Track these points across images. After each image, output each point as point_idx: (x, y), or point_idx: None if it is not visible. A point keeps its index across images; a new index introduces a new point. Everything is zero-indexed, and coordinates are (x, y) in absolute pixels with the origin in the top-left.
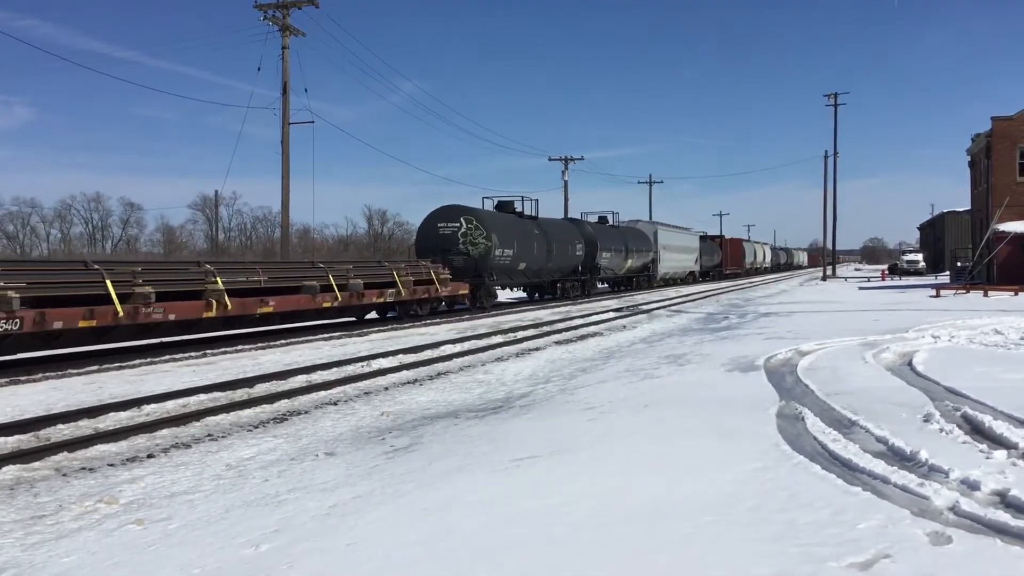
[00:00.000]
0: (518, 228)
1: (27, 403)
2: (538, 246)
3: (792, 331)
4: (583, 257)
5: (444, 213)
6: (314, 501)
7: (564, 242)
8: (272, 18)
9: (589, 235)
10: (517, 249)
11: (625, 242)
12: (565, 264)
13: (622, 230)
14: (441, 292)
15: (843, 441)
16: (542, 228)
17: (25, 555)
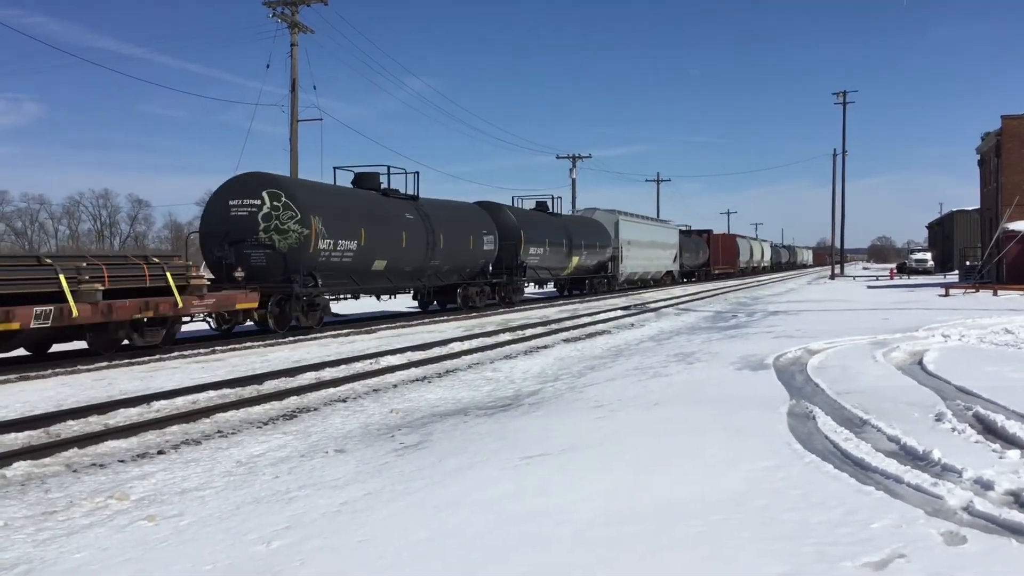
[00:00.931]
0: (372, 210)
1: (37, 399)
2: (410, 237)
3: (801, 330)
4: (495, 252)
5: (239, 186)
6: (325, 498)
7: (461, 232)
8: (281, 15)
9: (509, 224)
10: (367, 240)
11: (568, 234)
12: (464, 262)
13: (565, 219)
14: (189, 308)
15: (855, 440)
16: (422, 212)
17: (36, 551)
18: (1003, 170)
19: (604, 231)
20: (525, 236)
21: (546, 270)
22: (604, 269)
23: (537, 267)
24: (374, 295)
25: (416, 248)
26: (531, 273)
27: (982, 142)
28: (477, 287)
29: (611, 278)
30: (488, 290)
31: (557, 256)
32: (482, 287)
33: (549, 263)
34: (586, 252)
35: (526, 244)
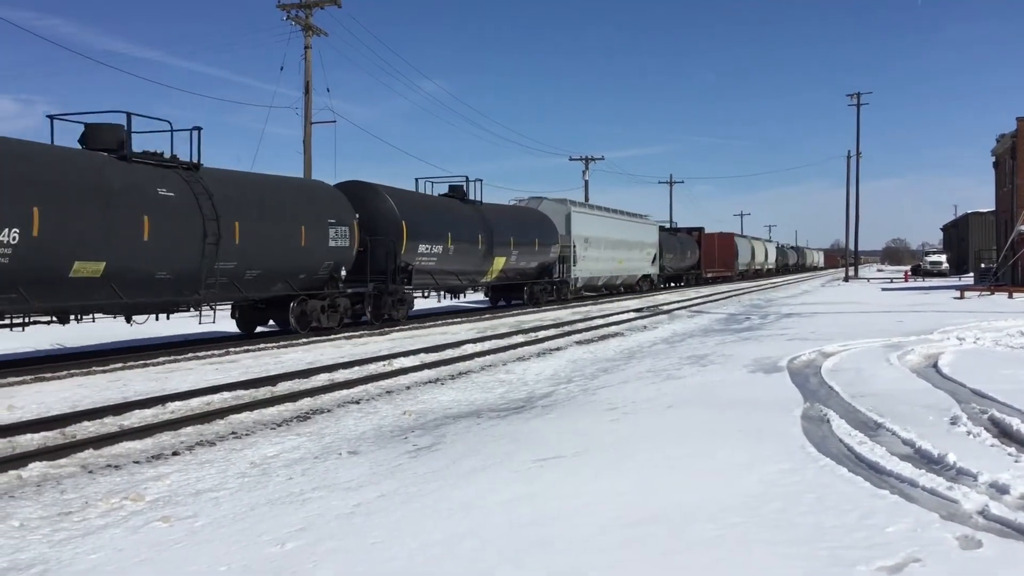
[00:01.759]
0: (94, 183)
1: (53, 400)
2: (164, 224)
3: (815, 332)
4: (348, 251)
5: None
6: (338, 500)
7: (281, 222)
8: (295, 18)
9: (382, 212)
10: (44, 229)
11: (487, 229)
12: (286, 265)
13: (487, 209)
14: None
15: (869, 443)
16: (201, 187)
17: (52, 551)
18: (1018, 172)
19: (549, 226)
20: (410, 229)
21: (451, 275)
22: (549, 273)
23: (434, 271)
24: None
25: (178, 243)
26: (421, 279)
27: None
28: (325, 300)
29: (560, 284)
30: (344, 304)
31: (469, 257)
32: (333, 300)
33: (455, 265)
34: (518, 252)
35: (411, 240)
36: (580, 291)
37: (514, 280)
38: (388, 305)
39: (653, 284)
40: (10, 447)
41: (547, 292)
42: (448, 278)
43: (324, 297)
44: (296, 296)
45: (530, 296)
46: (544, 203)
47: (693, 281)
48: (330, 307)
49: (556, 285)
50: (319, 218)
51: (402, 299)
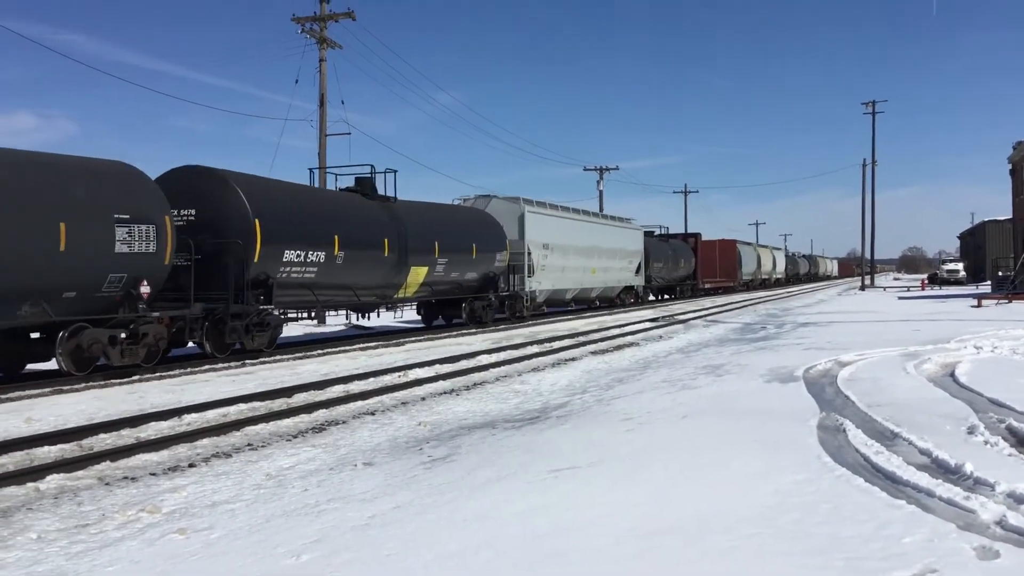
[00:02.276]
0: None
1: (69, 412)
2: None
3: (831, 341)
4: (153, 259)
5: None
6: (353, 511)
7: (39, 217)
8: (310, 31)
9: (226, 206)
10: None
11: (400, 232)
12: (39, 278)
13: (401, 208)
14: None
15: (886, 453)
16: None
17: (70, 564)
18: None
19: (494, 229)
20: (268, 230)
21: (342, 290)
22: (494, 285)
23: (315, 284)
24: None
25: None
26: (293, 295)
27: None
28: (120, 328)
29: (511, 298)
30: (153, 333)
31: (369, 266)
32: (134, 329)
33: (348, 278)
34: (447, 260)
35: (270, 244)
36: (541, 306)
37: (448, 295)
38: (239, 332)
39: (638, 297)
40: (28, 459)
41: (492, 308)
42: (337, 294)
43: (117, 325)
44: (65, 324)
45: (470, 314)
46: (493, 202)
47: (688, 293)
48: (128, 338)
49: (507, 300)
50: (104, 213)
51: (262, 323)
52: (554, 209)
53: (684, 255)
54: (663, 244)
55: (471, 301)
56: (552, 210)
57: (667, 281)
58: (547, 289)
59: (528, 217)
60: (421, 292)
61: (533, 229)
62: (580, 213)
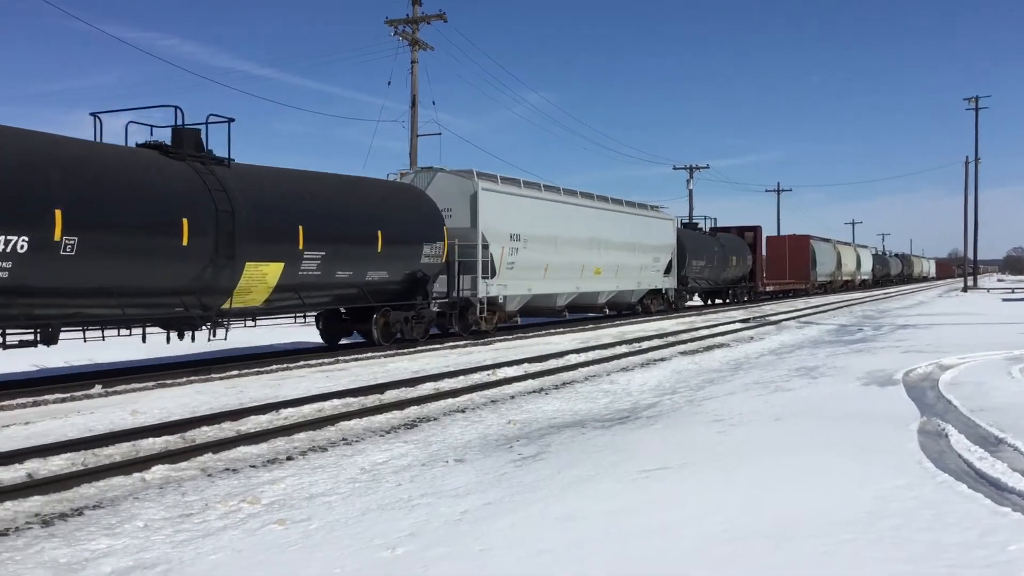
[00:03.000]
0: None
1: (173, 405)
2: None
3: (932, 344)
4: None
5: None
6: (446, 506)
7: None
8: (402, 33)
9: None
10: None
11: (228, 208)
12: None
13: (239, 174)
14: None
15: (990, 459)
16: None
17: (175, 552)
18: None
19: (424, 211)
20: None
21: (95, 297)
22: (420, 290)
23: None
24: None
25: None
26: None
27: None
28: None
29: (462, 308)
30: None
31: (148, 261)
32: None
33: (93, 279)
34: (325, 254)
35: None
36: (514, 316)
37: (356, 302)
38: None
39: (670, 303)
40: (134, 451)
41: (423, 322)
42: (87, 303)
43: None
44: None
45: (384, 329)
46: (439, 178)
47: (743, 296)
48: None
49: (453, 309)
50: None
51: None
52: (531, 189)
53: (737, 252)
54: (707, 239)
55: (386, 312)
56: (528, 189)
57: (714, 283)
58: (519, 294)
59: (483, 197)
60: (282, 299)
61: (493, 213)
62: (576, 196)
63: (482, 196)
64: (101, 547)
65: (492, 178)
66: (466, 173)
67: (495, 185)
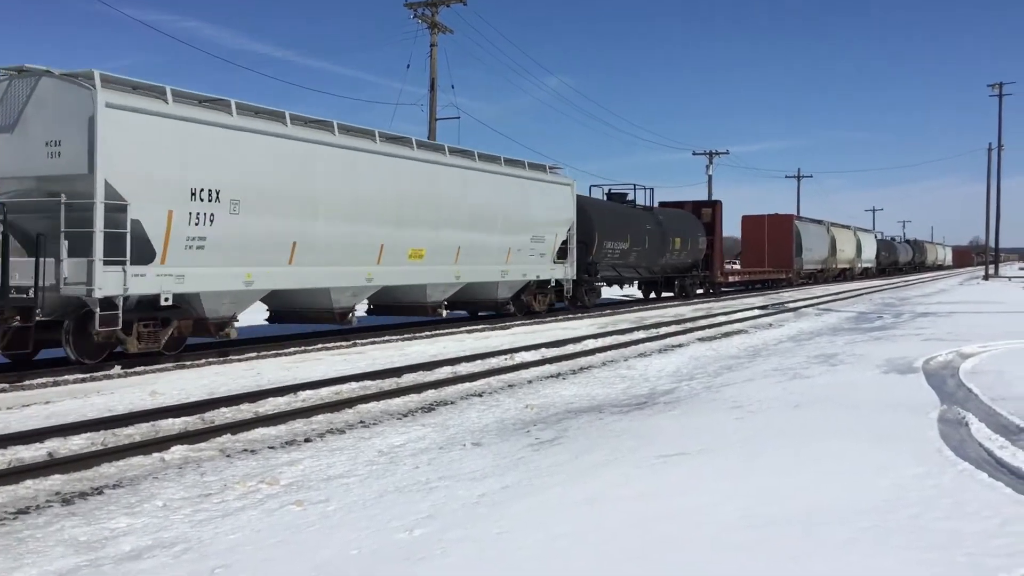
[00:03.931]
0: None
1: (192, 387)
2: None
3: (952, 332)
4: None
5: None
6: (463, 489)
7: None
8: (421, 16)
9: None
10: None
11: None
12: None
13: None
14: None
15: (1011, 448)
16: None
17: (194, 531)
18: None
19: None
20: None
21: None
22: None
23: None
24: None
25: None
26: None
27: None
28: None
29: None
30: None
31: None
32: None
33: None
34: None
35: None
36: (225, 326)
37: None
38: None
39: (577, 300)
40: (154, 431)
41: None
42: None
43: None
44: None
45: None
46: (43, 85)
47: (694, 289)
48: None
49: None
50: None
51: None
52: (247, 116)
53: (683, 232)
54: (633, 213)
55: None
56: (243, 118)
57: (646, 271)
58: (224, 291)
59: (111, 122)
60: None
61: (142, 150)
62: (366, 138)
63: (108, 119)
64: (121, 526)
65: (143, 91)
66: (81, 77)
67: (146, 103)
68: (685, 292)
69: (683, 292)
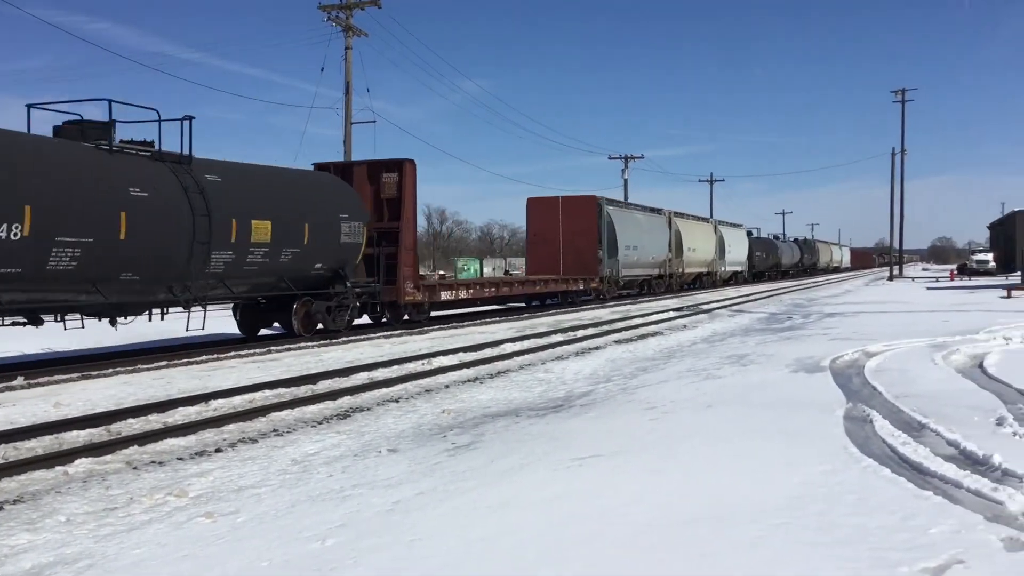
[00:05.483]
0: None
1: (98, 397)
2: None
3: (858, 332)
4: None
5: None
6: (378, 497)
7: None
8: (335, 19)
9: None
10: None
11: None
12: None
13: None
14: None
15: (913, 444)
16: None
17: (98, 546)
18: None
19: None
20: None
21: None
22: None
23: None
24: None
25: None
26: None
27: None
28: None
29: None
30: None
31: None
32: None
33: None
34: None
35: None
36: None
37: None
38: None
39: None
40: (57, 443)
41: None
42: None
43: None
44: None
45: None
46: None
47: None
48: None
49: None
50: None
51: None
52: None
53: (310, 211)
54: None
55: None
56: None
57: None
58: None
59: None
60: None
61: None
62: None
63: None
64: (21, 542)
65: None
66: None
67: None
68: (319, 326)
69: (308, 327)
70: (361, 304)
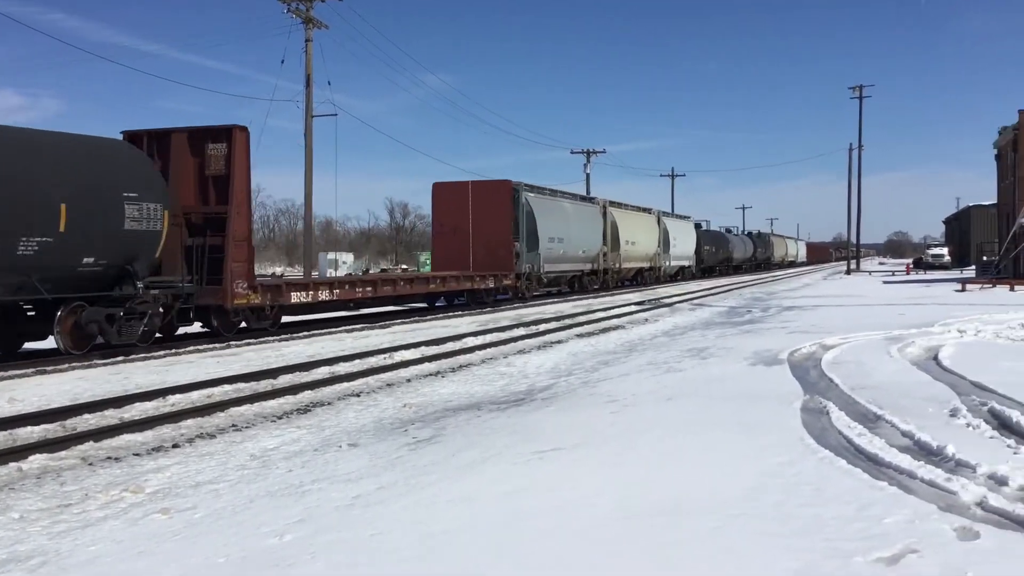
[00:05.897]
0: None
1: (53, 393)
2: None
3: (816, 325)
4: None
5: None
6: (338, 492)
7: None
8: (295, 11)
9: None
10: None
11: None
12: None
13: None
14: None
15: (869, 435)
16: None
17: (52, 543)
18: (1020, 164)
19: None
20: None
21: None
22: None
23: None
24: None
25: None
26: None
27: (999, 136)
28: None
29: None
30: None
31: None
32: None
33: None
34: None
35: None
36: None
37: None
38: None
39: None
40: (11, 439)
41: None
42: None
43: None
44: None
45: None
46: None
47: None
48: None
49: None
50: None
51: None
52: None
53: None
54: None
55: None
56: None
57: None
58: None
59: None
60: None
61: None
62: None
63: None
64: None
65: None
66: None
67: None
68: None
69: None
70: (178, 311)
